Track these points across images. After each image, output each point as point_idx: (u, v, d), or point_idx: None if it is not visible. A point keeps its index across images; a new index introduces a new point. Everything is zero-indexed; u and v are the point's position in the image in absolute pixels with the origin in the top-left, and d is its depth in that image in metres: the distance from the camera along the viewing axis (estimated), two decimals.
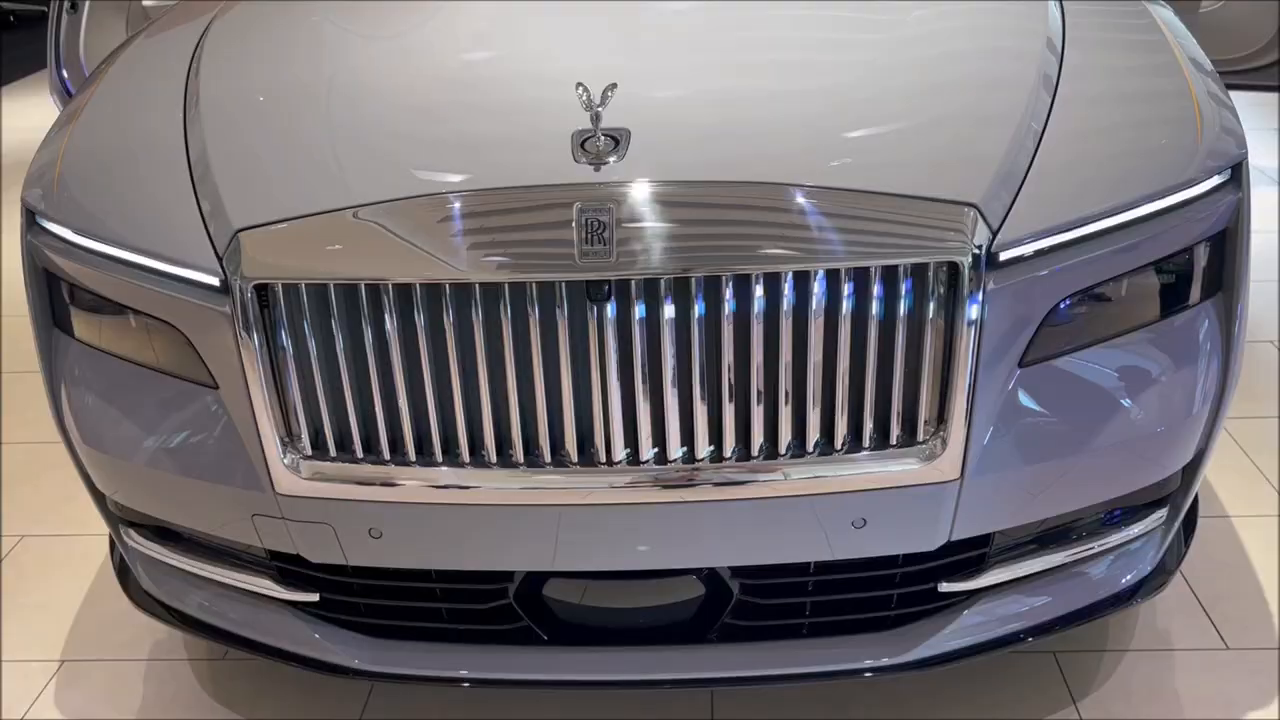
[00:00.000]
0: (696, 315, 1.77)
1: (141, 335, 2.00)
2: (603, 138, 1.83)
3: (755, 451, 1.86)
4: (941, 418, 1.85)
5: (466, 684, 2.08)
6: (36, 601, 2.74)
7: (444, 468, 1.89)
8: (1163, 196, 1.89)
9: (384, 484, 1.89)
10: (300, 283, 1.81)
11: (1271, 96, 5.91)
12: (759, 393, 1.82)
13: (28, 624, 2.67)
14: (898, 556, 1.99)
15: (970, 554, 2.02)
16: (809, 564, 2.01)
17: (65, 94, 3.61)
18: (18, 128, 6.89)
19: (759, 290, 1.76)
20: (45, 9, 3.70)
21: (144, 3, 3.86)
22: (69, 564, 2.87)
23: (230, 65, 2.28)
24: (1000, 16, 2.27)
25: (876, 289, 1.77)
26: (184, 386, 1.97)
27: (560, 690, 2.32)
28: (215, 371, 1.91)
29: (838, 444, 1.86)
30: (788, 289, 1.76)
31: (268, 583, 2.10)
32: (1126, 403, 1.93)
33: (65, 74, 3.65)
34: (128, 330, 2.02)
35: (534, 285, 1.76)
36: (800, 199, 1.78)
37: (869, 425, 1.86)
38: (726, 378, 1.81)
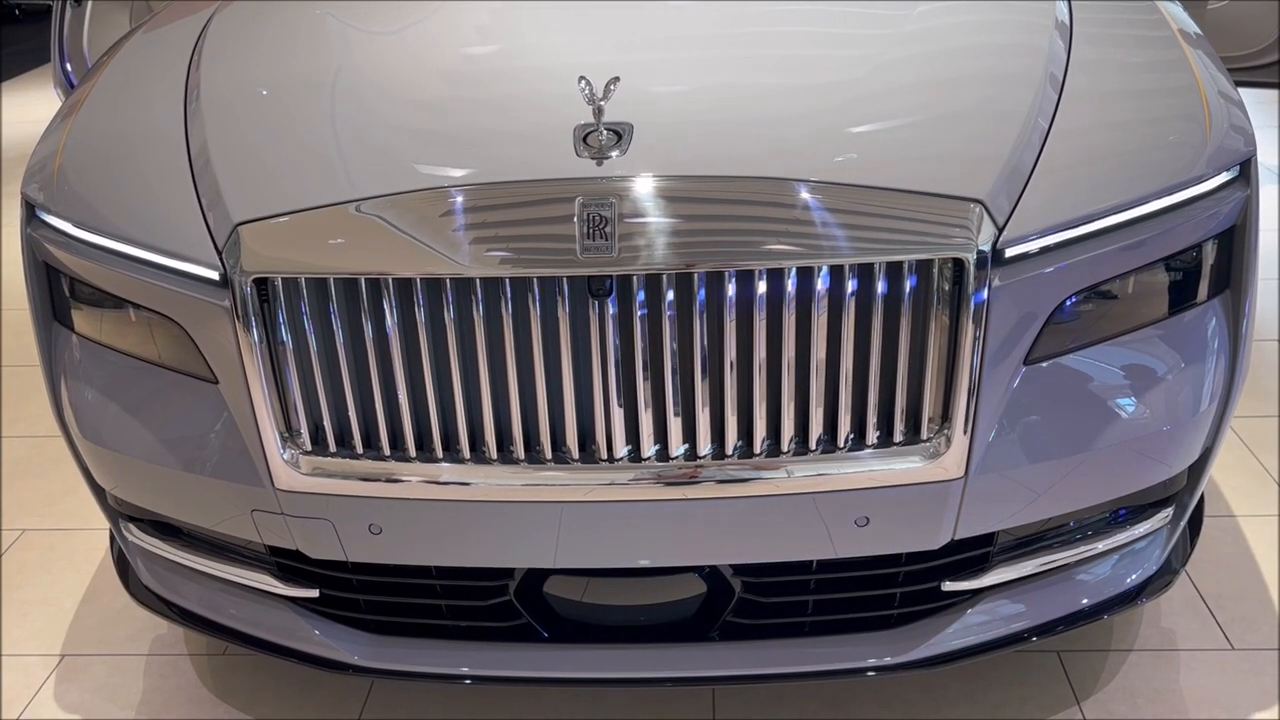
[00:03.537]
0: (699, 311, 1.76)
1: (141, 329, 1.99)
2: (605, 132, 1.82)
3: (758, 449, 1.85)
4: (945, 415, 1.84)
5: (467, 681, 2.08)
6: (37, 596, 2.74)
7: (444, 464, 1.88)
8: (1170, 193, 1.87)
9: (384, 480, 1.88)
10: (300, 277, 1.80)
11: (1273, 94, 5.90)
12: (762, 389, 1.81)
13: (28, 618, 2.67)
14: (901, 555, 1.98)
15: (974, 553, 2.01)
16: (811, 562, 2.00)
17: (69, 87, 3.61)
18: (22, 120, 6.90)
19: (762, 286, 1.74)
20: (50, 2, 3.70)
21: None
22: (70, 558, 2.87)
23: (231, 58, 2.26)
24: (1007, 12, 2.26)
25: (881, 285, 1.76)
26: (183, 381, 1.96)
27: (561, 688, 2.32)
28: (215, 366, 1.90)
29: (841, 441, 1.85)
30: (791, 285, 1.75)
31: (267, 578, 2.10)
32: (1132, 401, 1.92)
33: (69, 67, 3.64)
34: (127, 324, 2.01)
35: (535, 280, 1.75)
36: (804, 194, 1.76)
37: (872, 422, 1.84)
38: (729, 374, 1.80)
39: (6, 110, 7.26)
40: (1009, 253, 1.78)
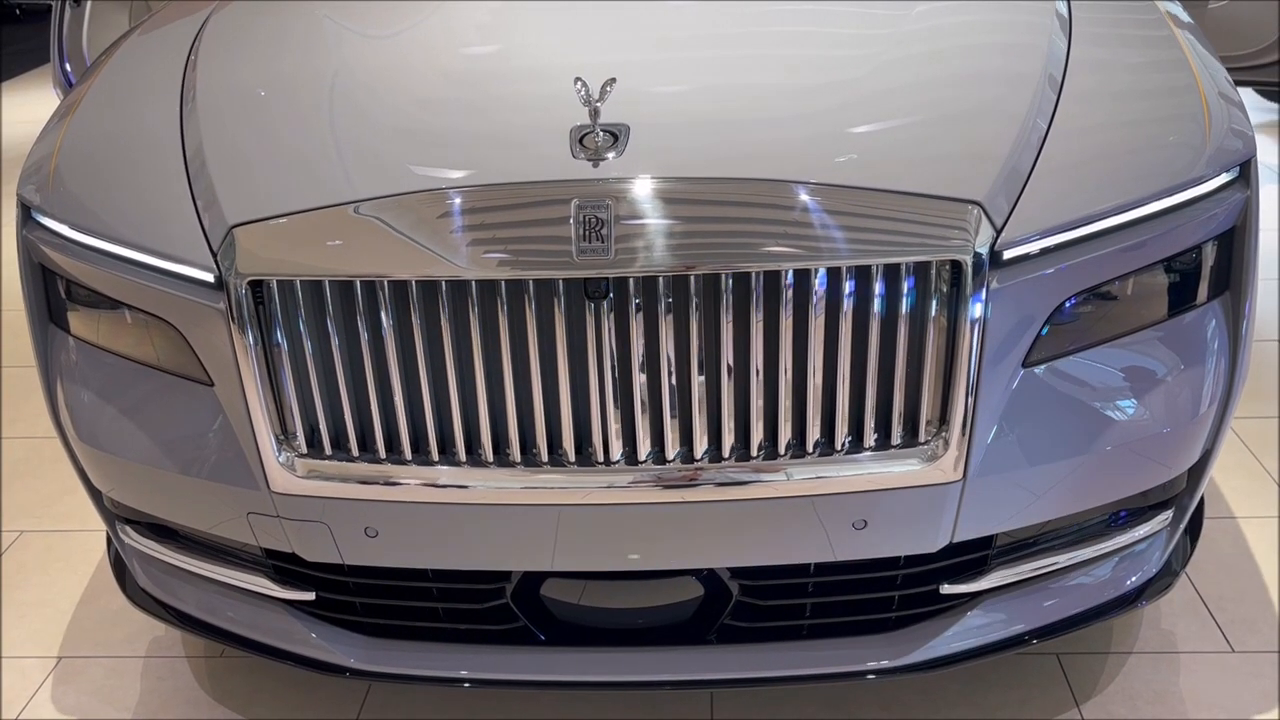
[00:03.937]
0: (695, 313, 1.75)
1: (137, 331, 1.99)
2: (601, 133, 1.81)
3: (755, 451, 1.84)
4: (944, 418, 1.83)
5: (464, 684, 2.07)
6: (35, 597, 2.73)
7: (440, 466, 1.87)
8: (1170, 194, 1.86)
9: (380, 483, 1.88)
10: (295, 279, 1.80)
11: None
12: (759, 391, 1.80)
13: (26, 620, 2.66)
14: (899, 558, 1.97)
15: (972, 555, 2.00)
16: (809, 565, 1.99)
17: (68, 87, 3.61)
18: (22, 120, 6.90)
19: (759, 288, 1.73)
20: (50, 2, 3.70)
21: None
22: (67, 560, 2.86)
23: (228, 59, 2.26)
24: (1006, 12, 2.25)
25: (879, 287, 1.75)
26: (179, 383, 1.96)
27: (558, 691, 2.31)
28: (210, 368, 1.90)
29: (838, 444, 1.84)
30: (788, 287, 1.74)
31: (264, 581, 2.09)
32: (1131, 403, 1.91)
33: (68, 67, 3.65)
34: (123, 326, 2.00)
35: (531, 283, 1.74)
36: (802, 196, 1.76)
37: (870, 425, 1.84)
38: (726, 376, 1.79)
39: (6, 110, 7.26)
40: (1007, 254, 1.77)
